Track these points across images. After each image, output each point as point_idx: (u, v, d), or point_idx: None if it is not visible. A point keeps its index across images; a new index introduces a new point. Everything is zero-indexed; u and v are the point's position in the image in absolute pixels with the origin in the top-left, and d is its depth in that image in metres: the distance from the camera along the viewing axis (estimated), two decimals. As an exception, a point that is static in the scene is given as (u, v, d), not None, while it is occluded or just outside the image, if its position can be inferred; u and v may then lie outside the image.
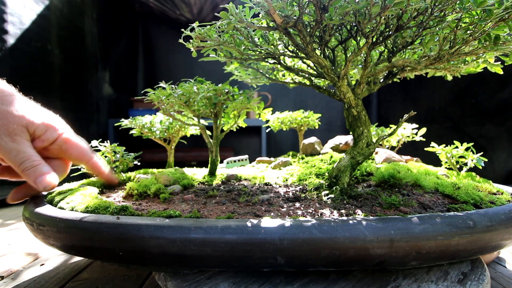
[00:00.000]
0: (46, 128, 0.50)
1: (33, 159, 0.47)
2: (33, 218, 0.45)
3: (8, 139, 0.46)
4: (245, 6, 0.43)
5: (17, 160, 0.46)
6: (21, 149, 0.47)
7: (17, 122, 0.47)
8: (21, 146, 0.47)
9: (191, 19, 2.43)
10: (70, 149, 0.53)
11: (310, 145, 0.85)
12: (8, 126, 0.47)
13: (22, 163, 0.46)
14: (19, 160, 0.46)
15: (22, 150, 0.47)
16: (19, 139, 0.47)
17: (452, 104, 1.76)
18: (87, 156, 0.55)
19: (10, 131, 0.46)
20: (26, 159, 0.47)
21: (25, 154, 0.47)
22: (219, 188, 0.54)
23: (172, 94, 0.60)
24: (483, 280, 0.37)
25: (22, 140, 0.47)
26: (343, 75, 0.47)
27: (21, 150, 0.47)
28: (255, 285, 0.36)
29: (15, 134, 0.47)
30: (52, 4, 1.65)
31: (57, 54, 1.67)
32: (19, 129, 0.47)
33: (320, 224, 0.34)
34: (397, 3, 0.35)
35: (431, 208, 0.43)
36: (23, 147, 0.47)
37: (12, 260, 0.60)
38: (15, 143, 0.46)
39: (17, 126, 0.47)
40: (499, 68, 0.56)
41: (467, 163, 0.65)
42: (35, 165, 0.47)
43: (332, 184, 0.50)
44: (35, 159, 0.47)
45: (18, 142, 0.47)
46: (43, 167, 0.47)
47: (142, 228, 0.36)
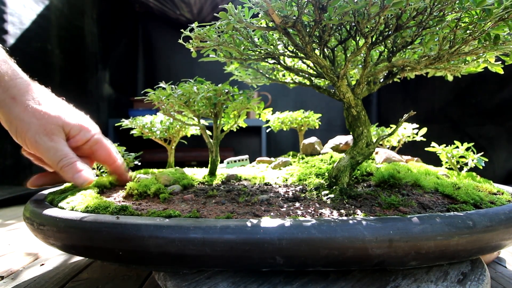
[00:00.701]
0: (80, 129, 0.54)
1: (70, 157, 0.50)
2: (33, 217, 0.45)
3: (46, 139, 0.49)
4: (244, 6, 0.43)
5: (55, 158, 0.49)
6: (59, 148, 0.49)
7: (54, 122, 0.50)
8: (58, 145, 0.49)
9: (191, 19, 2.43)
10: (99, 150, 0.56)
11: (310, 145, 0.85)
12: (46, 126, 0.49)
13: (60, 160, 0.49)
14: (57, 158, 0.49)
15: (60, 149, 0.49)
16: (57, 138, 0.50)
17: (452, 104, 1.76)
18: (113, 158, 0.58)
19: (48, 131, 0.49)
20: (64, 157, 0.49)
21: (63, 152, 0.49)
22: (219, 188, 0.54)
23: (172, 94, 0.60)
24: (483, 280, 0.37)
25: (59, 140, 0.50)
26: (343, 75, 0.47)
27: (59, 148, 0.49)
28: (254, 285, 0.36)
29: (53, 134, 0.49)
30: (52, 4, 1.65)
31: (57, 54, 1.67)
32: (56, 129, 0.50)
33: (319, 224, 0.34)
34: (396, 3, 0.35)
35: (431, 208, 0.43)
36: (61, 146, 0.50)
37: (12, 260, 0.60)
38: (53, 142, 0.49)
39: (54, 126, 0.50)
40: (499, 68, 0.56)
41: (468, 163, 0.65)
42: (72, 162, 0.50)
43: (331, 184, 0.50)
44: (72, 156, 0.50)
45: (55, 141, 0.49)
46: (79, 164, 0.50)
47: (141, 228, 0.36)
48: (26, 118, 0.49)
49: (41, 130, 0.49)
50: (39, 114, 0.49)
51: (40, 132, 0.49)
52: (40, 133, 0.49)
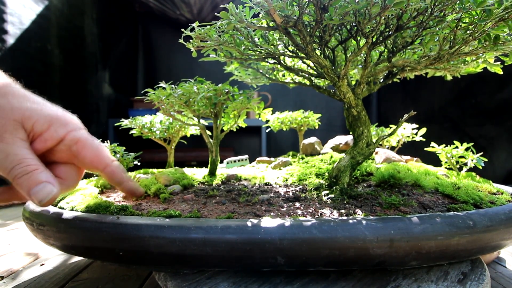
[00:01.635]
0: (49, 122, 0.40)
1: (27, 163, 0.36)
2: (33, 218, 0.45)
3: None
4: (245, 6, 0.43)
5: (6, 165, 0.36)
6: (11, 151, 0.36)
7: (9, 116, 0.37)
8: (11, 147, 0.36)
9: (191, 19, 2.43)
10: (82, 151, 0.41)
11: (310, 145, 0.85)
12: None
13: (12, 168, 0.36)
14: (9, 165, 0.36)
15: (13, 152, 0.36)
16: (10, 138, 0.37)
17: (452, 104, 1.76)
18: (103, 161, 0.42)
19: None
20: (18, 163, 0.36)
21: (16, 156, 0.36)
22: (219, 188, 0.54)
23: (172, 94, 0.60)
24: (483, 280, 0.37)
25: (13, 139, 0.37)
26: (343, 75, 0.47)
27: (11, 152, 0.36)
28: (255, 285, 0.36)
29: (5, 131, 0.37)
30: (52, 4, 1.65)
31: (57, 54, 1.67)
32: (10, 125, 0.37)
33: (320, 224, 0.34)
34: (397, 3, 0.35)
35: (431, 208, 0.43)
36: (14, 148, 0.37)
37: (12, 260, 0.60)
38: (3, 144, 0.36)
39: (7, 122, 0.37)
40: (499, 68, 0.56)
41: (467, 163, 0.65)
42: (29, 171, 0.36)
43: (332, 184, 0.50)
44: (30, 163, 0.37)
45: (8, 142, 0.36)
46: (39, 173, 0.37)
47: (142, 228, 0.36)
48: None
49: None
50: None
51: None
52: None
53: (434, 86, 1.85)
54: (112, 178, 0.43)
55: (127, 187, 0.45)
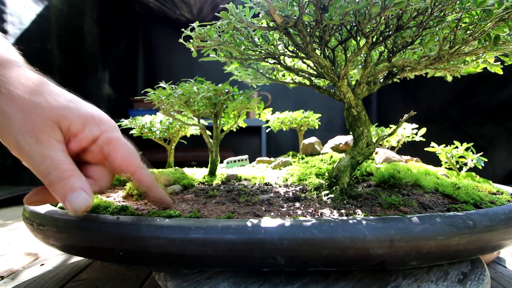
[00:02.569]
0: (84, 123, 0.38)
1: (63, 169, 0.35)
2: (33, 218, 0.45)
3: (32, 140, 0.35)
4: (245, 6, 0.43)
5: (42, 170, 0.35)
6: (48, 154, 0.35)
7: (46, 116, 0.36)
8: (47, 150, 0.35)
9: (191, 19, 2.43)
10: (113, 152, 0.39)
11: (310, 145, 0.85)
12: (34, 122, 0.35)
13: (48, 173, 0.35)
14: (45, 170, 0.35)
15: (49, 156, 0.35)
16: (47, 139, 0.35)
17: (452, 104, 1.76)
18: (134, 164, 0.40)
19: (36, 129, 0.35)
20: (54, 168, 0.35)
21: (53, 161, 0.35)
22: (219, 188, 0.54)
23: (172, 94, 0.60)
24: (483, 280, 0.37)
25: (50, 141, 0.35)
26: (343, 75, 0.47)
27: (48, 155, 0.35)
28: (255, 285, 0.36)
29: (42, 132, 0.35)
30: (52, 4, 1.65)
31: (57, 54, 1.67)
32: (47, 126, 0.36)
33: (320, 224, 0.34)
34: (397, 3, 0.35)
35: (431, 208, 0.43)
36: (51, 151, 0.35)
37: (12, 260, 0.60)
38: (40, 146, 0.35)
39: (45, 122, 0.35)
40: (499, 68, 0.56)
41: (467, 163, 0.65)
42: (64, 178, 0.35)
43: (332, 184, 0.50)
44: (66, 168, 0.35)
45: (44, 144, 0.35)
46: (75, 180, 0.35)
47: (142, 228, 0.36)
48: (10, 112, 0.35)
49: (26, 128, 0.35)
50: (27, 106, 0.35)
51: (24, 130, 0.35)
52: (24, 132, 0.35)
53: (434, 86, 1.85)
54: (141, 183, 0.41)
55: (155, 196, 0.43)
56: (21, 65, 0.40)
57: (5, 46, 0.41)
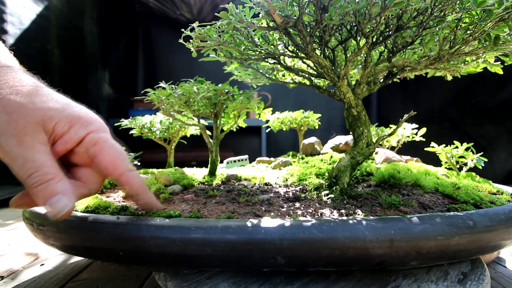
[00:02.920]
0: (70, 123, 0.37)
1: (45, 171, 0.34)
2: (33, 218, 0.45)
3: (14, 142, 0.34)
4: (245, 6, 0.43)
5: (23, 172, 0.34)
6: (30, 156, 0.34)
7: (30, 117, 0.35)
8: (29, 152, 0.34)
9: (191, 19, 2.43)
10: (99, 154, 0.38)
11: (310, 145, 0.85)
12: (17, 123, 0.34)
13: (29, 176, 0.34)
14: (26, 172, 0.34)
15: (31, 158, 0.34)
16: (29, 141, 0.34)
17: (452, 104, 1.76)
18: (121, 166, 0.38)
19: (18, 131, 0.34)
20: (35, 171, 0.34)
21: (35, 163, 0.34)
22: (219, 188, 0.54)
23: (172, 94, 0.60)
24: (483, 280, 0.37)
25: (32, 143, 0.34)
26: (343, 75, 0.47)
27: (29, 157, 0.34)
28: (255, 285, 0.36)
29: (25, 134, 0.34)
30: (52, 4, 1.65)
31: (56, 54, 1.67)
32: (31, 127, 0.35)
33: (320, 224, 0.34)
34: (397, 3, 0.35)
35: (431, 208, 0.43)
36: (33, 153, 0.34)
37: (12, 260, 0.60)
38: (22, 148, 0.34)
39: (28, 123, 0.34)
40: (499, 68, 0.56)
41: (467, 163, 0.65)
42: (45, 181, 0.34)
43: (332, 184, 0.50)
44: (48, 171, 0.34)
45: (26, 146, 0.34)
46: (56, 183, 0.34)
47: (142, 228, 0.36)
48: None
49: (8, 129, 0.34)
50: (11, 107, 0.34)
51: (7, 132, 0.34)
52: (6, 133, 0.34)
53: (434, 86, 1.85)
54: (128, 186, 0.39)
55: (143, 200, 0.41)
56: (15, 69, 0.39)
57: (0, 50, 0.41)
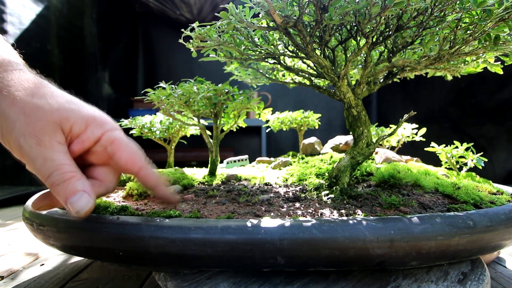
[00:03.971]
0: (86, 123, 0.38)
1: (64, 170, 0.35)
2: (33, 218, 0.45)
3: (33, 142, 0.34)
4: (245, 6, 0.43)
5: (43, 172, 0.35)
6: (49, 156, 0.35)
7: (48, 118, 0.36)
8: (49, 152, 0.35)
9: (191, 19, 2.43)
10: (117, 151, 0.39)
11: (310, 145, 0.85)
12: (35, 124, 0.35)
13: (50, 175, 0.35)
14: (46, 171, 0.35)
15: (51, 158, 0.35)
16: (48, 141, 0.35)
17: (452, 104, 1.76)
18: (138, 162, 0.40)
19: (37, 132, 0.35)
20: (55, 170, 0.35)
21: (54, 162, 0.35)
22: (219, 188, 0.54)
23: (172, 94, 0.60)
24: (483, 280, 0.37)
25: (51, 143, 0.35)
26: (343, 75, 0.47)
27: (49, 157, 0.35)
28: (255, 285, 0.36)
29: (44, 134, 0.35)
30: (52, 4, 1.65)
31: (56, 54, 1.67)
32: (49, 128, 0.35)
33: (320, 224, 0.34)
34: (397, 3, 0.35)
35: (431, 208, 0.43)
36: (52, 153, 0.35)
37: (12, 260, 0.60)
38: (42, 148, 0.35)
39: (46, 124, 0.35)
40: (499, 68, 0.56)
41: (467, 163, 0.65)
42: (65, 180, 0.35)
43: (332, 184, 0.50)
44: (67, 169, 0.35)
45: (45, 146, 0.35)
46: (76, 182, 0.35)
47: (142, 228, 0.36)
48: (12, 115, 0.35)
49: (28, 130, 0.35)
50: (29, 108, 0.35)
51: (26, 133, 0.35)
52: (26, 134, 0.34)
53: (434, 86, 1.85)
54: (146, 182, 0.41)
55: (161, 193, 0.42)
56: (22, 68, 0.40)
57: (5, 48, 0.41)
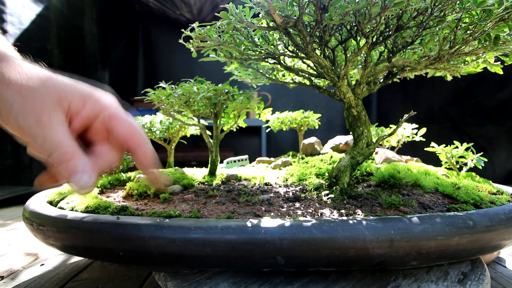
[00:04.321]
0: (84, 101, 0.38)
1: (64, 151, 0.35)
2: (33, 218, 0.45)
3: (32, 122, 0.34)
4: (245, 6, 0.43)
5: (44, 151, 0.35)
6: (48, 135, 0.35)
7: (45, 98, 0.36)
8: (48, 131, 0.35)
9: (191, 19, 2.43)
10: (116, 126, 0.39)
11: (310, 145, 0.85)
12: (34, 104, 0.35)
13: (50, 155, 0.35)
14: (47, 151, 0.35)
15: (50, 137, 0.35)
16: (47, 120, 0.35)
17: (452, 104, 1.76)
18: (136, 139, 0.40)
19: (36, 111, 0.35)
20: (55, 150, 0.35)
21: (53, 142, 0.35)
22: (219, 188, 0.54)
23: (172, 94, 0.60)
24: (483, 280, 0.37)
25: (50, 122, 0.35)
26: (343, 75, 0.47)
27: (48, 136, 0.35)
28: (255, 285, 0.36)
29: (42, 114, 0.35)
30: (52, 4, 1.65)
31: (56, 54, 1.67)
32: (47, 108, 0.36)
33: (320, 224, 0.34)
34: (397, 3, 0.35)
35: (431, 208, 0.43)
36: (52, 133, 0.35)
37: (12, 260, 0.60)
38: (41, 128, 0.35)
39: (44, 104, 0.36)
40: (499, 68, 0.56)
41: (467, 163, 0.65)
42: (66, 159, 0.35)
43: (332, 184, 0.50)
44: (67, 149, 0.35)
45: (44, 125, 0.35)
46: (77, 162, 0.35)
47: (142, 228, 0.36)
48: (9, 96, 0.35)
49: (26, 110, 0.35)
50: (25, 90, 0.36)
51: (24, 112, 0.34)
52: (24, 114, 0.34)
53: (434, 86, 1.85)
54: (142, 160, 0.40)
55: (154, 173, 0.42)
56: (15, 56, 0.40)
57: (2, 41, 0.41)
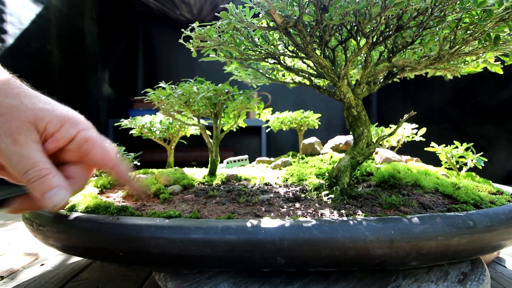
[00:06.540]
0: (61, 122, 0.40)
1: (40, 167, 0.37)
2: (33, 218, 0.45)
3: (9, 141, 0.36)
4: (245, 6, 0.43)
5: (20, 168, 0.37)
6: (25, 154, 0.37)
7: (22, 117, 0.37)
8: (25, 150, 0.37)
9: (191, 19, 2.43)
10: (92, 150, 0.41)
11: (310, 145, 0.85)
12: (11, 123, 0.37)
13: (26, 172, 0.37)
14: (23, 169, 0.37)
15: (26, 155, 0.37)
16: (24, 140, 0.37)
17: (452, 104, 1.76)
18: (112, 159, 0.42)
19: (12, 130, 0.37)
20: (31, 167, 0.37)
21: (30, 160, 0.37)
22: (219, 188, 0.54)
23: (172, 94, 0.60)
24: (483, 280, 0.37)
25: (27, 142, 0.37)
26: (343, 75, 0.47)
27: (25, 155, 0.37)
28: (255, 285, 0.36)
29: (19, 134, 0.37)
30: (52, 4, 1.65)
31: (56, 54, 1.67)
32: (24, 127, 0.37)
33: (320, 224, 0.34)
34: (397, 3, 0.35)
35: (431, 208, 0.43)
36: (28, 151, 0.37)
37: (12, 260, 0.60)
38: (17, 146, 0.36)
39: (21, 123, 0.37)
40: (499, 68, 0.56)
41: (467, 163, 0.65)
42: (42, 176, 0.37)
43: (332, 184, 0.50)
44: (43, 167, 0.37)
45: (21, 145, 0.37)
46: (52, 178, 0.37)
47: (142, 229, 0.36)
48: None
49: (3, 129, 0.36)
50: (3, 108, 0.37)
51: (1, 132, 0.36)
52: (1, 133, 0.36)
53: (434, 86, 1.85)
54: (119, 178, 0.43)
55: (133, 188, 0.46)
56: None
57: None
